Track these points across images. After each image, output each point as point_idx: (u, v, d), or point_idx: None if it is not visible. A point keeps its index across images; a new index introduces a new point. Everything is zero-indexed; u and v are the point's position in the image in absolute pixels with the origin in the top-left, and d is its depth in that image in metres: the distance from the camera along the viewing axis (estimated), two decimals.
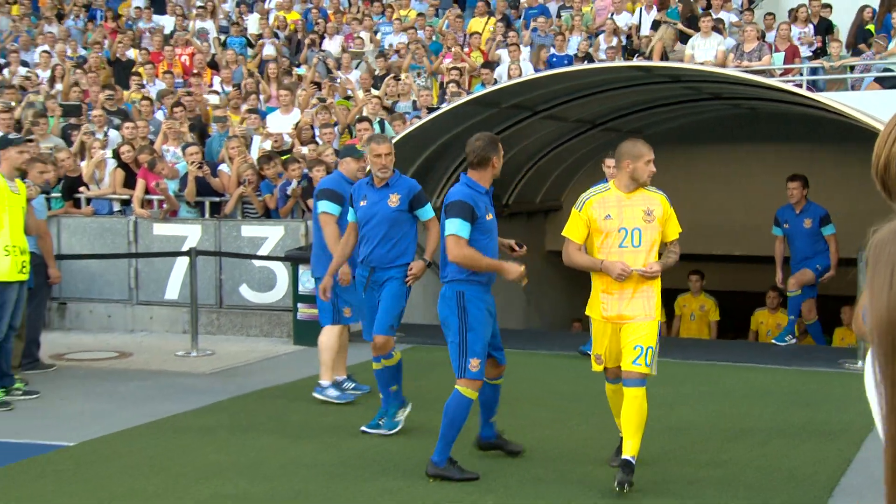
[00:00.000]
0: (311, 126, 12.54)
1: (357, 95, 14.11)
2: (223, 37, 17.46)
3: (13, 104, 13.83)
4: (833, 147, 13.42)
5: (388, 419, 6.76)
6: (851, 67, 12.79)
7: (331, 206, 7.34)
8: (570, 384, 8.36)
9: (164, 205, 11.35)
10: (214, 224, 11.21)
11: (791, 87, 10.57)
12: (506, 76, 13.60)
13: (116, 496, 5.49)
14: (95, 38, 17.33)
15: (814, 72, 12.58)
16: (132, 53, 16.51)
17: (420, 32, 16.07)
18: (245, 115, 13.31)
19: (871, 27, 14.08)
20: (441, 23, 16.66)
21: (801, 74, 12.36)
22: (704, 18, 13.75)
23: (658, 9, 15.32)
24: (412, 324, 10.20)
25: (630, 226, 5.48)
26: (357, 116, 12.42)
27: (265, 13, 17.55)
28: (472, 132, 8.20)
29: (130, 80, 15.09)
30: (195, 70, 15.70)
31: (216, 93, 14.92)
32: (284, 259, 10.50)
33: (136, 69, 15.63)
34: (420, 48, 15.15)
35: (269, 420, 7.22)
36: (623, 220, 5.49)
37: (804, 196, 10.18)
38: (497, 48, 15.28)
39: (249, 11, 18.48)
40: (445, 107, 11.24)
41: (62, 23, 18.57)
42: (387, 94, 13.95)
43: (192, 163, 11.19)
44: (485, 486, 5.61)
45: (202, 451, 6.37)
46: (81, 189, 11.89)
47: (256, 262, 10.98)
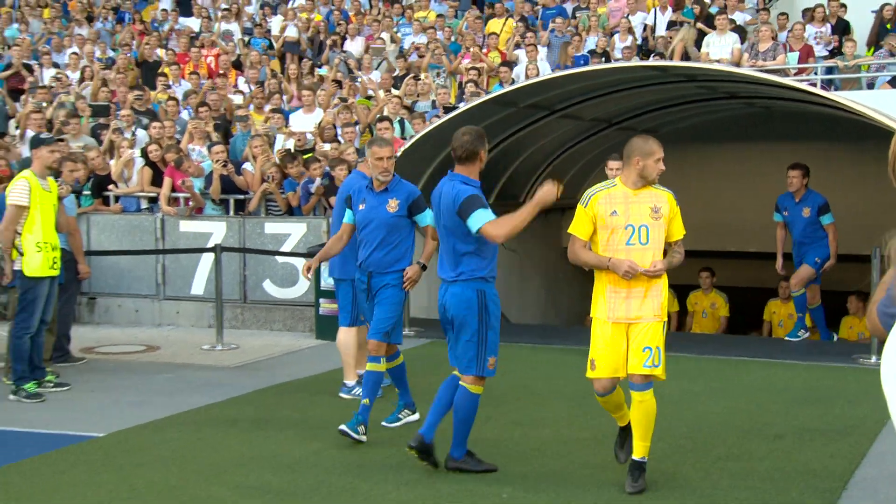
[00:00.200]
0: (334, 125, 12.70)
1: (378, 95, 14.28)
2: (247, 38, 17.71)
3: (45, 105, 14.12)
4: (849, 146, 13.40)
5: (394, 413, 6.91)
6: (867, 67, 12.83)
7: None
8: (586, 381, 8.40)
9: (190, 202, 11.54)
10: (239, 221, 11.40)
11: (806, 87, 10.61)
12: (523, 76, 13.72)
13: (144, 485, 5.61)
14: (124, 40, 17.54)
15: (829, 71, 12.63)
16: (159, 54, 16.73)
17: (439, 33, 16.21)
18: (268, 115, 13.52)
19: (889, 25, 14.10)
20: (461, 24, 16.82)
21: (816, 74, 12.42)
22: (720, 17, 13.82)
23: (673, 9, 15.40)
24: (430, 318, 10.32)
25: (637, 223, 5.31)
26: (377, 115, 12.57)
27: (291, 16, 17.70)
28: (491, 131, 8.34)
29: (157, 81, 15.29)
30: (220, 71, 15.91)
31: (241, 93, 15.14)
32: (307, 255, 10.63)
33: (163, 70, 15.82)
34: (439, 48, 15.30)
35: (292, 413, 7.32)
36: (630, 217, 5.32)
37: (804, 185, 10.05)
38: (515, 48, 15.42)
39: (273, 13, 18.71)
40: (464, 106, 11.38)
41: (91, 25, 18.84)
42: (407, 94, 14.12)
43: (218, 161, 11.40)
44: (502, 478, 5.66)
45: (226, 443, 6.48)
46: (110, 187, 12.11)
47: (279, 259, 11.13)
